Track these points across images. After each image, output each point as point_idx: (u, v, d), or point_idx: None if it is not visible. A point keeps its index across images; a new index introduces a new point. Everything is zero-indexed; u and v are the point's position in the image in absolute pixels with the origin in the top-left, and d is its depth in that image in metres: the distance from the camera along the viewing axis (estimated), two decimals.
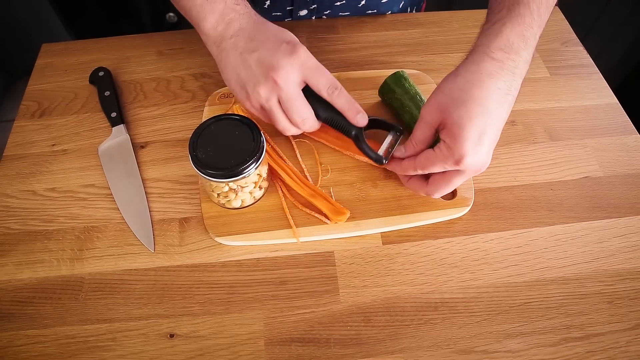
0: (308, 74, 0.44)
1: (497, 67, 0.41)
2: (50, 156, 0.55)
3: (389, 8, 0.70)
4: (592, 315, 0.44)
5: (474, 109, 0.40)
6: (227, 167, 0.43)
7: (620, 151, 0.56)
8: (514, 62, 0.41)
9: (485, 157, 0.42)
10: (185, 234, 0.49)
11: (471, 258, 0.47)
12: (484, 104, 0.40)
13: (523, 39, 0.41)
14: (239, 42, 0.45)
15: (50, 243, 0.48)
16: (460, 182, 0.45)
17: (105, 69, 0.61)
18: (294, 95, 0.44)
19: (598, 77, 0.63)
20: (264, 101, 0.44)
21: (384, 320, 0.44)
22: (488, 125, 0.40)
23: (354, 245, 0.48)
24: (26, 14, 1.44)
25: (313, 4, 0.66)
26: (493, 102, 0.40)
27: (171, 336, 0.43)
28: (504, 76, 0.41)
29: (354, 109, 0.46)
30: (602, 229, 0.49)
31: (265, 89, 0.43)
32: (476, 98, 0.40)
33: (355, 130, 0.48)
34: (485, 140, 0.41)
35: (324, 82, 0.44)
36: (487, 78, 0.41)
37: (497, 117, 0.41)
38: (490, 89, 0.40)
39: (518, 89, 0.42)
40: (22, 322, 0.44)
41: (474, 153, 0.40)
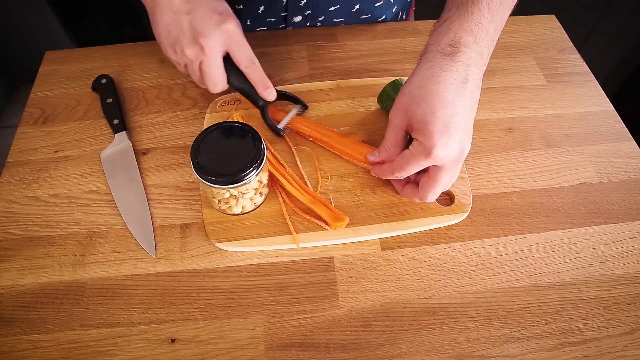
0: (232, 46, 0.50)
1: (449, 61, 0.42)
2: (52, 162, 0.56)
3: (383, 12, 0.71)
4: (589, 320, 0.45)
5: (434, 103, 0.42)
6: (228, 173, 0.43)
7: (617, 158, 0.56)
8: (464, 54, 0.43)
9: (458, 145, 0.42)
10: (186, 239, 0.50)
11: (469, 263, 0.48)
12: (442, 96, 0.42)
13: (472, 34, 0.43)
14: (174, 1, 0.48)
15: (53, 248, 0.49)
16: (448, 179, 0.45)
17: (108, 76, 0.62)
18: (215, 64, 0.50)
19: (594, 84, 0.64)
20: (188, 61, 0.50)
21: (382, 325, 0.44)
22: (452, 114, 0.41)
23: (353, 251, 0.49)
24: (28, 20, 1.46)
25: (307, 9, 0.67)
26: (451, 93, 0.42)
27: (172, 341, 0.44)
28: (456, 67, 0.42)
29: (265, 84, 0.52)
30: (599, 235, 0.50)
31: (191, 52, 0.49)
32: (434, 92, 0.42)
33: (262, 102, 0.54)
34: (452, 129, 0.41)
35: (244, 56, 0.51)
36: (441, 71, 0.42)
37: (461, 105, 0.42)
38: (446, 81, 0.42)
39: (478, 77, 0.43)
40: (24, 327, 0.44)
41: (444, 144, 0.41)
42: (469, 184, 0.53)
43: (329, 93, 0.61)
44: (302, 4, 0.66)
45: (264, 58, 0.66)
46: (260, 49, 0.67)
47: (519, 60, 0.67)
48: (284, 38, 0.69)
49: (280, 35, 0.69)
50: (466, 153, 0.44)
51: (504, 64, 0.66)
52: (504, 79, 0.64)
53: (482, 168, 0.55)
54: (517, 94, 0.62)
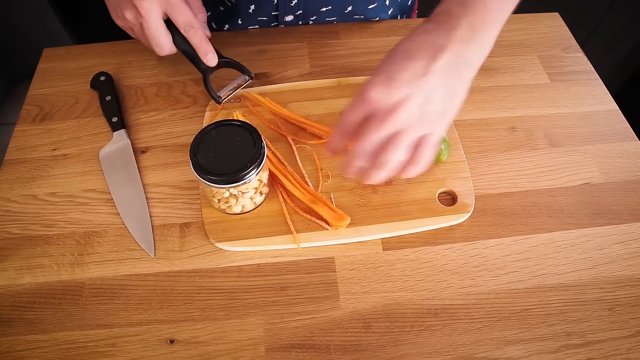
0: (169, 9, 0.50)
1: (432, 27, 0.40)
2: (51, 161, 0.55)
3: (377, 14, 0.70)
4: (592, 322, 0.44)
5: (395, 55, 0.39)
6: (228, 172, 0.43)
7: (621, 157, 0.56)
8: (450, 25, 0.39)
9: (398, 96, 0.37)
10: (185, 239, 0.49)
11: (471, 264, 0.47)
12: (407, 52, 0.39)
13: (462, 6, 0.39)
14: None
15: (51, 248, 0.48)
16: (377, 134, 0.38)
17: (107, 73, 0.61)
18: (153, 26, 0.50)
19: (598, 83, 0.63)
20: (130, 24, 0.52)
21: (384, 327, 0.44)
22: (405, 66, 0.38)
23: (354, 251, 0.48)
24: (28, 17, 1.45)
25: (298, 9, 0.66)
26: (418, 52, 0.38)
27: (171, 342, 0.43)
28: (438, 33, 0.39)
29: (205, 49, 0.53)
30: (603, 236, 0.49)
31: (130, 14, 0.50)
32: (402, 48, 0.39)
33: (204, 67, 0.55)
34: (397, 77, 0.37)
35: (181, 19, 0.51)
36: (421, 34, 0.40)
37: (422, 65, 0.38)
38: (420, 41, 0.39)
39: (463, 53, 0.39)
40: (22, 327, 0.44)
41: (380, 86, 0.37)
42: (472, 183, 0.52)
43: (330, 91, 0.60)
44: (293, 4, 0.65)
45: (265, 55, 0.65)
46: (261, 46, 0.66)
47: (522, 59, 0.66)
48: (285, 35, 0.68)
49: (281, 33, 0.68)
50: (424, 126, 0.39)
51: (507, 62, 0.65)
52: (507, 77, 0.63)
53: (485, 168, 0.54)
54: (521, 92, 0.62)
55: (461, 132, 0.57)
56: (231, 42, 0.67)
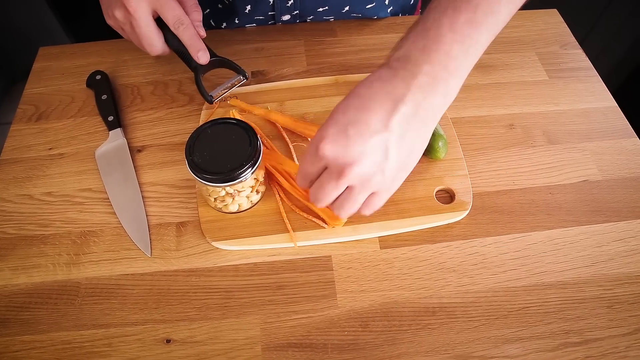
0: (157, 5, 0.49)
1: (389, 74, 0.37)
2: (47, 160, 0.55)
3: (375, 13, 0.69)
4: (591, 320, 0.44)
5: (352, 103, 0.37)
6: (224, 171, 0.42)
7: (619, 154, 0.55)
8: (410, 73, 0.36)
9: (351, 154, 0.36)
10: (182, 238, 0.49)
11: (469, 262, 0.47)
12: (364, 101, 0.36)
13: (423, 52, 0.36)
14: None
15: (47, 247, 0.48)
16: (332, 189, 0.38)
17: (103, 72, 0.61)
18: (143, 23, 0.49)
19: (597, 80, 0.63)
20: (120, 24, 0.50)
21: (381, 326, 0.44)
22: (361, 121, 0.36)
23: (351, 249, 0.48)
24: (26, 17, 1.45)
25: (295, 9, 0.66)
26: (375, 102, 0.36)
27: (168, 341, 0.43)
28: (395, 83, 0.36)
29: (195, 46, 0.51)
30: (601, 233, 0.49)
31: (119, 13, 0.49)
32: (359, 94, 0.37)
33: (195, 64, 0.53)
34: (352, 133, 0.35)
35: (170, 16, 0.49)
36: (377, 80, 0.37)
37: (378, 119, 0.36)
38: (376, 90, 0.37)
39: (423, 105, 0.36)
40: (17, 328, 0.44)
41: (333, 141, 0.36)
42: (469, 181, 0.52)
43: (327, 89, 0.60)
44: (289, 4, 0.65)
45: (261, 53, 0.65)
46: (258, 44, 0.66)
47: (521, 55, 0.66)
48: (282, 33, 0.68)
49: (278, 30, 0.68)
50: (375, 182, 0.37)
51: (505, 59, 0.65)
52: (505, 74, 0.63)
53: (483, 165, 0.54)
54: (519, 89, 0.61)
55: (459, 129, 0.56)
56: (228, 40, 0.66)
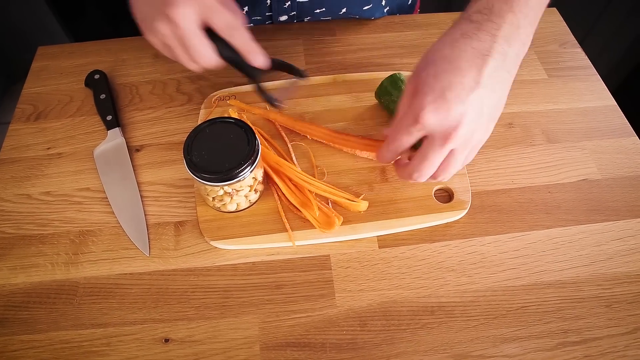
0: (207, 12, 0.43)
1: (473, 28, 0.38)
2: (45, 159, 0.55)
3: (371, 14, 0.69)
4: (589, 319, 0.44)
5: (441, 66, 0.38)
6: (222, 171, 0.42)
7: (619, 154, 0.55)
8: (494, 24, 0.38)
9: (454, 118, 0.37)
10: (180, 237, 0.49)
11: (468, 262, 0.47)
12: (453, 62, 0.37)
13: (506, 2, 0.38)
14: None
15: (45, 247, 0.48)
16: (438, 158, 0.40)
17: (101, 71, 0.61)
18: (192, 34, 0.43)
19: (596, 79, 0.63)
20: (164, 38, 0.44)
21: (380, 325, 0.44)
22: (456, 82, 0.37)
23: (350, 248, 0.48)
24: (25, 17, 1.44)
25: (292, 10, 0.66)
26: (464, 61, 0.37)
27: (166, 341, 0.43)
28: (480, 37, 0.38)
29: (252, 50, 0.46)
30: (600, 232, 0.49)
31: (162, 25, 0.43)
32: (445, 56, 0.38)
33: (255, 73, 0.48)
34: (451, 97, 0.37)
35: (222, 22, 0.44)
36: (461, 37, 0.38)
37: (471, 77, 0.37)
38: (462, 47, 0.38)
39: (508, 54, 0.38)
40: (16, 327, 0.44)
41: (435, 109, 0.37)
42: (468, 180, 0.52)
43: (325, 88, 0.60)
44: (287, 5, 0.64)
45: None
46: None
47: None
48: (281, 32, 0.67)
49: (277, 29, 0.68)
50: (476, 139, 0.39)
51: None
52: None
53: (482, 164, 0.54)
54: (518, 88, 0.61)
55: None
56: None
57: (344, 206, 0.49)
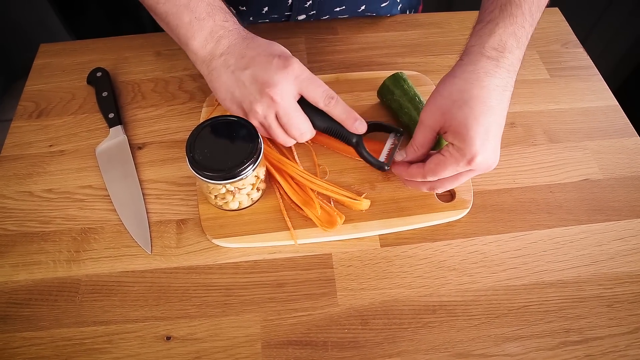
0: (303, 86, 0.44)
1: (493, 66, 0.41)
2: (47, 157, 0.55)
3: (388, 11, 0.70)
4: (591, 319, 0.44)
5: (477, 108, 0.40)
6: (224, 169, 0.42)
7: (620, 153, 0.55)
8: (508, 60, 0.42)
9: (493, 153, 0.42)
10: (182, 235, 0.49)
11: (470, 261, 0.47)
12: (486, 102, 0.41)
13: (515, 37, 0.42)
14: (229, 60, 0.45)
15: (47, 244, 0.48)
16: (467, 179, 0.45)
17: (103, 69, 0.61)
18: (291, 110, 0.44)
19: (598, 79, 0.63)
20: (262, 118, 0.45)
21: (381, 324, 0.44)
22: (492, 122, 0.41)
23: (351, 247, 0.48)
24: (25, 14, 1.44)
25: (312, 10, 0.66)
26: (494, 100, 0.41)
27: (168, 339, 0.43)
28: (500, 74, 0.41)
29: (352, 118, 0.46)
30: (602, 232, 0.49)
31: (262, 106, 0.44)
32: (478, 97, 0.41)
33: (356, 138, 0.48)
34: (492, 136, 0.41)
35: (320, 94, 0.45)
36: (485, 76, 0.41)
37: (499, 113, 0.41)
38: (490, 87, 0.41)
39: (513, 85, 0.43)
40: (18, 324, 0.44)
41: (484, 151, 0.41)
42: (470, 179, 0.52)
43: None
44: (308, 4, 0.64)
45: None
46: None
47: None
48: (283, 31, 0.67)
49: (279, 28, 0.68)
50: (497, 161, 0.43)
51: None
52: None
53: None
54: (520, 88, 0.61)
55: None
56: None
57: (346, 205, 0.49)
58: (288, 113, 0.44)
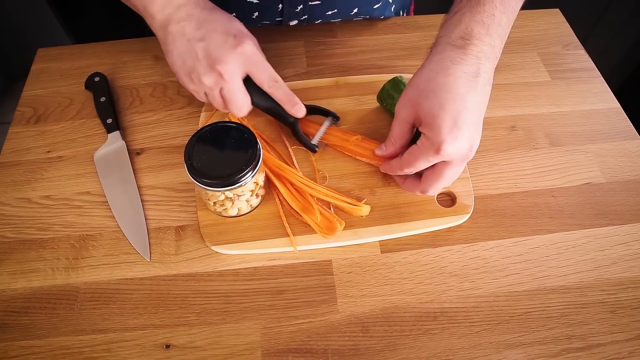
0: (252, 68, 0.47)
1: (459, 53, 0.41)
2: (45, 163, 0.54)
3: (381, 13, 0.69)
4: (593, 325, 0.43)
5: (442, 96, 0.40)
6: (223, 176, 0.42)
7: (623, 157, 0.55)
8: (476, 47, 0.41)
9: (468, 141, 0.41)
10: (181, 242, 0.48)
11: (471, 267, 0.47)
12: (452, 89, 0.40)
13: (483, 25, 0.41)
14: (186, 28, 0.46)
15: (45, 252, 0.48)
16: (452, 174, 0.44)
17: (101, 74, 0.61)
18: (236, 89, 0.47)
19: (600, 81, 0.62)
20: (208, 89, 0.48)
21: (382, 331, 0.43)
22: (461, 109, 0.40)
23: (352, 253, 0.48)
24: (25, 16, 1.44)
25: (303, 14, 0.65)
26: (461, 86, 0.40)
27: (167, 347, 0.43)
28: (468, 60, 0.41)
29: (292, 102, 0.50)
30: (604, 237, 0.49)
31: (210, 79, 0.46)
32: (443, 85, 0.41)
33: (293, 119, 0.52)
34: (462, 124, 0.40)
35: (265, 77, 0.48)
36: (451, 64, 0.41)
37: (471, 99, 0.40)
38: (456, 74, 0.40)
39: (489, 70, 0.42)
40: (16, 333, 0.43)
41: (452, 139, 0.40)
42: (471, 184, 0.51)
43: (327, 90, 0.59)
44: (298, 9, 0.64)
45: None
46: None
47: (522, 56, 0.65)
48: (282, 34, 0.67)
49: (278, 31, 0.67)
50: (475, 149, 0.42)
51: (507, 59, 0.64)
52: (507, 75, 0.63)
53: (485, 168, 0.54)
54: (521, 91, 0.61)
55: None
56: None
57: (346, 211, 0.49)
58: (232, 91, 0.47)
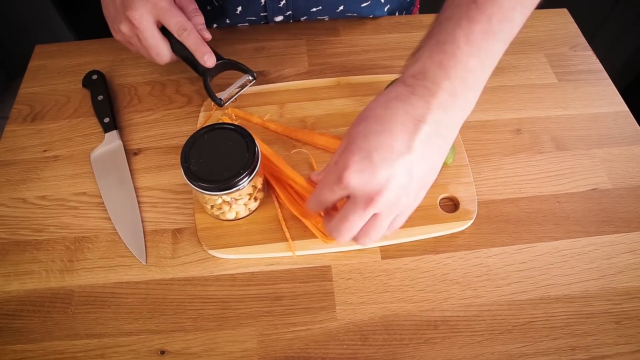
0: (160, 14, 0.49)
1: (407, 92, 0.36)
2: (41, 162, 0.54)
3: (371, 12, 0.67)
4: (598, 336, 0.42)
5: (371, 125, 0.36)
6: (220, 179, 0.41)
7: (630, 162, 0.53)
8: (428, 90, 0.35)
9: (379, 181, 0.34)
10: (178, 245, 0.48)
11: (473, 274, 0.46)
12: (384, 123, 0.35)
13: (441, 68, 0.35)
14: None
15: (40, 253, 0.47)
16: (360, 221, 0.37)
17: (99, 72, 0.60)
18: (149, 35, 0.50)
19: (608, 83, 0.61)
20: (128, 37, 0.51)
21: (381, 339, 0.42)
22: (385, 145, 0.34)
23: (351, 259, 0.47)
24: (26, 11, 1.43)
25: (287, 10, 0.64)
26: (396, 124, 0.35)
27: (162, 353, 0.42)
28: (413, 102, 0.35)
29: (201, 50, 0.51)
30: (611, 244, 0.48)
31: (125, 27, 0.49)
32: (377, 116, 0.36)
33: (202, 69, 0.52)
34: (377, 159, 0.34)
35: (174, 24, 0.50)
36: (394, 100, 0.36)
37: (402, 143, 0.34)
38: (395, 110, 0.35)
39: (443, 123, 0.36)
40: (9, 337, 0.43)
41: (359, 170, 0.34)
42: (474, 189, 0.50)
43: (328, 91, 0.58)
44: (282, 4, 0.63)
45: (262, 53, 0.63)
46: (259, 43, 0.64)
47: (529, 57, 0.64)
48: (283, 32, 0.66)
49: (280, 29, 0.66)
50: (402, 205, 0.37)
51: (513, 61, 0.63)
52: (513, 77, 0.61)
53: (489, 172, 0.52)
54: (526, 93, 0.60)
55: (464, 134, 0.55)
56: (227, 38, 0.65)
57: None
58: (146, 37, 0.49)
